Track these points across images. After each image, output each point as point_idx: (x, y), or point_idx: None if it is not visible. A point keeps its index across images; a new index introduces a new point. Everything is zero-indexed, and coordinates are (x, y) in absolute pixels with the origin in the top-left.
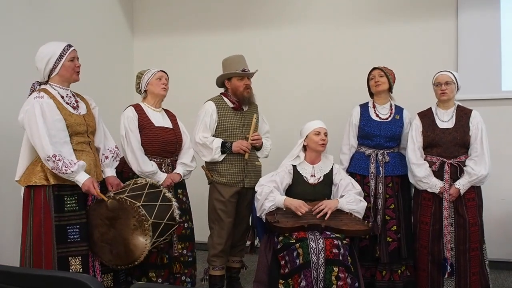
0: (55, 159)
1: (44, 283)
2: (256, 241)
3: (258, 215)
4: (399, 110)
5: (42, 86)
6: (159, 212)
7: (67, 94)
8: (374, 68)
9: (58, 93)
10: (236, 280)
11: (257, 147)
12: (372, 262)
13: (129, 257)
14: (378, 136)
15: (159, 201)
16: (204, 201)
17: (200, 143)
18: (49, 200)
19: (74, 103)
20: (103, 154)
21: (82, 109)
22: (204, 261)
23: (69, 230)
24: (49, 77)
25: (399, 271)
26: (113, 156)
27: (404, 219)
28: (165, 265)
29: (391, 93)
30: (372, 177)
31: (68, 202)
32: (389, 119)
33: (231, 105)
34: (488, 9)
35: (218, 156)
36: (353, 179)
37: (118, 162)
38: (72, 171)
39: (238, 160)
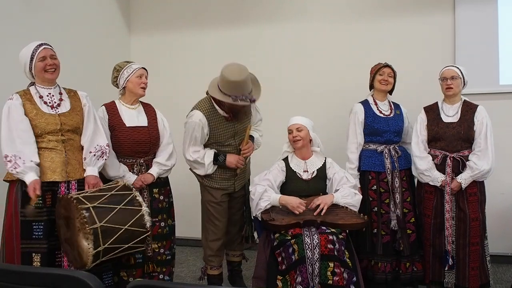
0: (6, 159)
1: (42, 281)
2: (255, 236)
3: (253, 214)
4: (396, 105)
5: (28, 87)
6: (119, 216)
7: (49, 93)
8: (386, 66)
9: (38, 92)
10: (238, 273)
11: None
12: (394, 256)
13: (80, 260)
14: (388, 131)
15: (122, 204)
16: (196, 198)
17: (191, 160)
18: (17, 196)
19: (55, 102)
20: (88, 152)
21: (64, 107)
22: (200, 259)
23: (34, 227)
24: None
25: (420, 261)
26: (94, 155)
27: (415, 210)
28: (136, 265)
29: (390, 94)
30: (388, 172)
31: None
32: (392, 114)
33: (223, 114)
34: (485, 3)
35: (211, 170)
36: (347, 173)
37: (104, 161)
38: (17, 172)
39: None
